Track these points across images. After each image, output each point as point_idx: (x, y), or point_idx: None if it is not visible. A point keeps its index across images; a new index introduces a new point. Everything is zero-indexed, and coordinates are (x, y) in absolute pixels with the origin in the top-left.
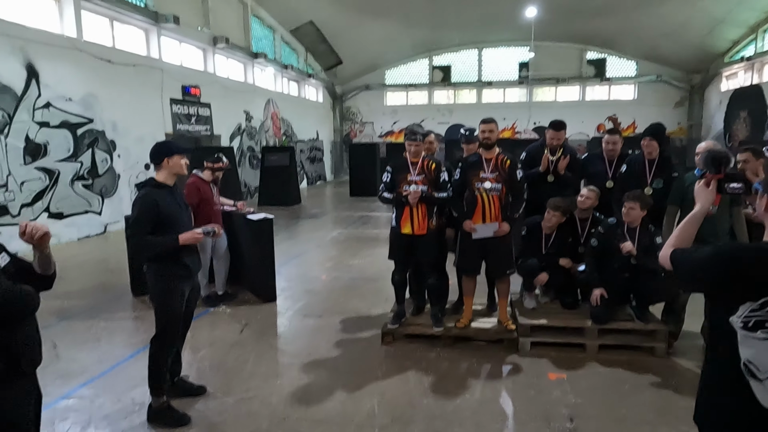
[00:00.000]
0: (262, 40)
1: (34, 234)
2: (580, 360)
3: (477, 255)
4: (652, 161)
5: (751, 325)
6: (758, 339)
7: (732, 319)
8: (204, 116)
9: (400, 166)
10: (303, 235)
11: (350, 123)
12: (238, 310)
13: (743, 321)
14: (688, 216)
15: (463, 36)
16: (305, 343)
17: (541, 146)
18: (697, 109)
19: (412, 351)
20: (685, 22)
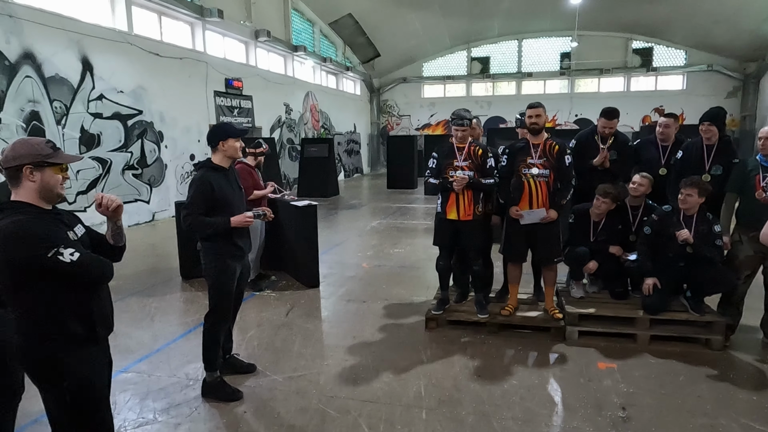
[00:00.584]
0: (302, 33)
1: (110, 205)
2: (630, 350)
3: (523, 242)
4: (711, 146)
5: None
6: None
7: None
8: (246, 108)
9: (447, 152)
10: (342, 225)
11: (387, 116)
12: (283, 294)
13: None
14: None
15: (502, 26)
16: (350, 327)
17: (591, 134)
18: (751, 100)
19: (457, 337)
20: (739, 8)
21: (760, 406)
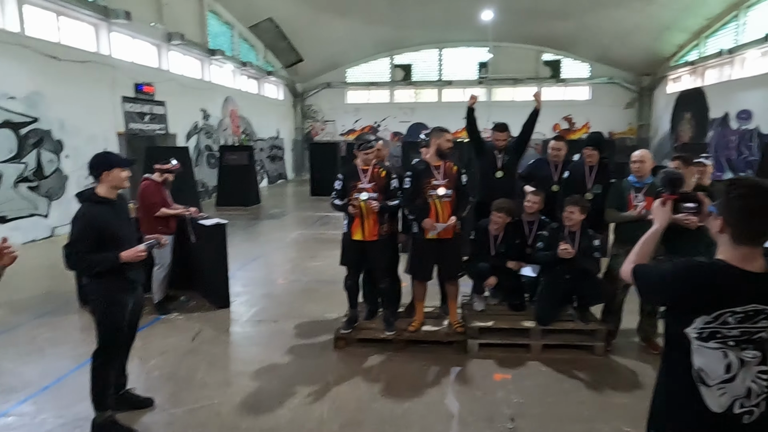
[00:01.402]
0: (220, 36)
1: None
2: (525, 360)
3: (429, 260)
4: (592, 168)
5: (705, 336)
6: (710, 348)
7: (687, 330)
8: (158, 114)
9: (351, 174)
10: (262, 237)
11: (312, 121)
12: (191, 317)
13: (698, 332)
14: (646, 234)
15: (423, 35)
16: (258, 350)
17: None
18: (646, 110)
19: (365, 355)
20: (635, 27)
21: (632, 409)
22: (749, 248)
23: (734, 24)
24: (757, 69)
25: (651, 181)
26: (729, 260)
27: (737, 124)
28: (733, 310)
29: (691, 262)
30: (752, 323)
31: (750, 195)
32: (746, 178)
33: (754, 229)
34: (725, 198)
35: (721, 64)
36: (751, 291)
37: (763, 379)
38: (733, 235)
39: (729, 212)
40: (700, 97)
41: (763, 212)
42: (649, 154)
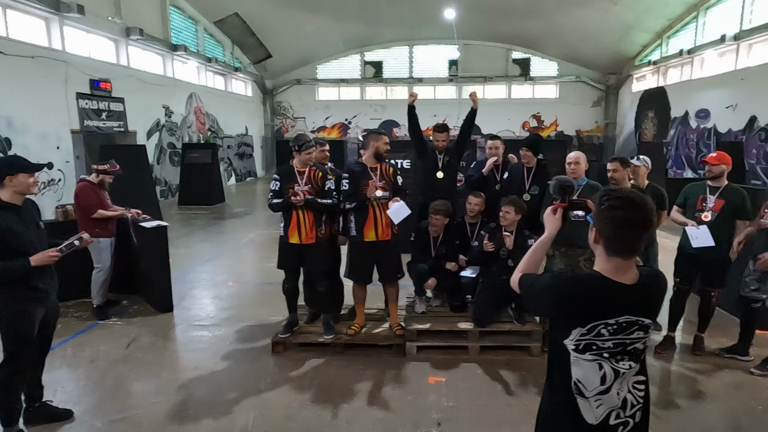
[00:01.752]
0: (183, 31)
1: None
2: (462, 362)
3: (368, 262)
4: (530, 169)
5: (581, 348)
6: (586, 360)
7: (566, 341)
8: (117, 111)
9: (287, 175)
10: (220, 237)
11: (282, 118)
12: (130, 322)
13: (575, 344)
14: (537, 241)
15: (394, 33)
16: (195, 356)
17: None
18: (612, 109)
19: (302, 360)
20: (600, 27)
21: None
22: (621, 260)
23: (694, 25)
24: (715, 69)
25: (585, 182)
26: (603, 271)
27: (696, 123)
28: (606, 321)
29: (567, 274)
30: (626, 334)
31: (620, 207)
32: (620, 190)
33: (623, 242)
34: (597, 209)
35: (682, 64)
36: (623, 303)
37: (639, 390)
38: (605, 246)
39: (601, 224)
40: (662, 96)
41: (632, 225)
42: (584, 156)
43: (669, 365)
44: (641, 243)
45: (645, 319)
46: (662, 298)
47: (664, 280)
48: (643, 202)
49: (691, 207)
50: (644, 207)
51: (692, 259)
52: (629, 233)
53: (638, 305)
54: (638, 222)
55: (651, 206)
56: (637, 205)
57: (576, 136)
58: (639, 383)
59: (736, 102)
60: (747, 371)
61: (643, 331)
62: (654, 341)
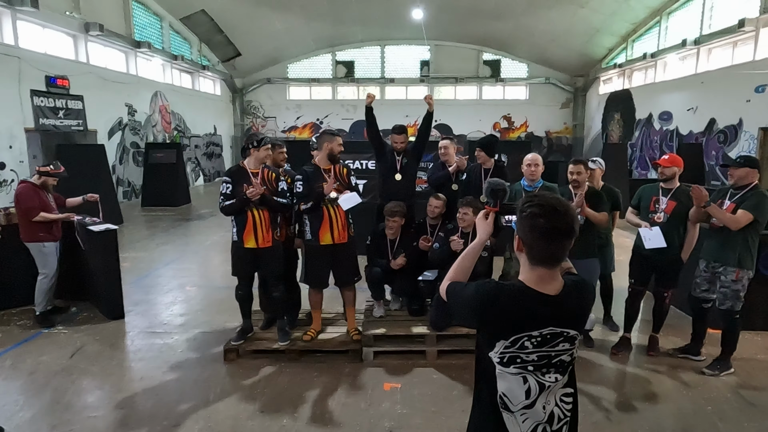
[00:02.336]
0: (147, 28)
1: None
2: (419, 367)
3: (323, 266)
4: (488, 170)
5: (506, 361)
6: (511, 374)
7: (490, 354)
8: (75, 110)
9: (239, 176)
10: (182, 239)
11: (252, 117)
12: (77, 330)
13: (499, 357)
14: (467, 248)
15: (365, 32)
16: (142, 366)
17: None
18: (580, 110)
19: (256, 368)
20: (568, 29)
21: None
22: (545, 269)
23: (657, 29)
24: (677, 73)
25: (541, 184)
26: (527, 281)
27: (659, 125)
28: (529, 334)
29: (491, 285)
30: (551, 347)
31: (541, 215)
32: (542, 196)
33: (546, 251)
34: (519, 216)
35: (646, 67)
36: (546, 314)
37: (567, 403)
38: (528, 255)
39: (523, 232)
40: (627, 98)
41: (554, 234)
42: (540, 158)
43: (624, 366)
44: (565, 251)
45: (570, 331)
46: (588, 308)
47: (589, 290)
48: (565, 209)
49: (645, 208)
50: (567, 214)
51: (646, 260)
52: (552, 242)
53: (563, 316)
54: (561, 230)
55: (573, 213)
56: (559, 213)
57: (546, 137)
58: (567, 396)
59: (696, 105)
60: (699, 371)
61: (569, 343)
62: (610, 342)
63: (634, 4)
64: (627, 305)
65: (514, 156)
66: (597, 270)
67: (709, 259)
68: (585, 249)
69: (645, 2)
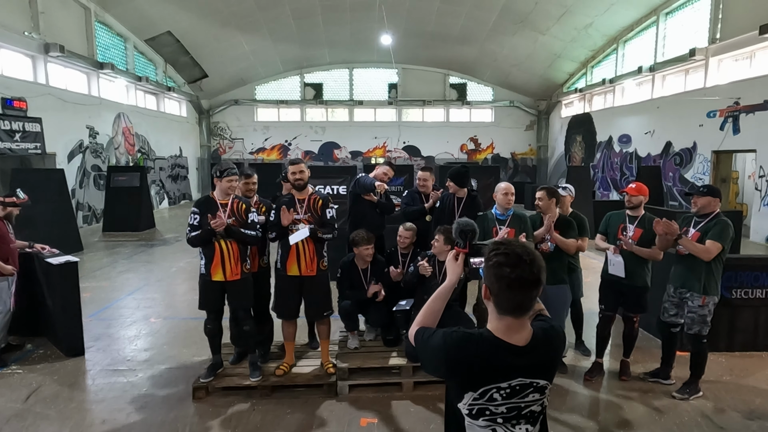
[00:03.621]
0: (111, 49)
1: None
2: (396, 399)
3: (292, 298)
4: (461, 200)
5: (474, 413)
6: (480, 426)
7: (459, 405)
8: (33, 132)
9: (207, 206)
10: (146, 266)
11: (219, 139)
12: (33, 369)
13: (468, 409)
14: (437, 291)
15: (333, 55)
16: (103, 408)
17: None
18: (544, 133)
19: (227, 406)
20: (530, 55)
21: None
22: (512, 319)
23: (614, 56)
24: (634, 98)
25: (512, 213)
26: (495, 331)
27: (619, 147)
28: (498, 385)
29: (458, 335)
30: (520, 398)
31: (507, 264)
32: (508, 244)
33: (512, 301)
34: (486, 265)
35: (605, 92)
36: (515, 365)
37: None
38: (495, 304)
39: (489, 281)
40: (588, 121)
41: (519, 284)
42: (512, 188)
43: (598, 393)
44: (532, 301)
45: (540, 381)
46: (558, 357)
47: (560, 338)
48: (531, 259)
49: (612, 235)
50: (533, 264)
51: (614, 286)
52: (518, 292)
53: (532, 367)
54: (526, 280)
55: (540, 263)
56: (525, 263)
57: (511, 159)
58: None
59: (653, 128)
60: (670, 395)
61: (539, 393)
62: (583, 367)
63: (592, 32)
64: (598, 330)
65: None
66: (568, 297)
67: (676, 284)
68: (555, 275)
69: (602, 30)
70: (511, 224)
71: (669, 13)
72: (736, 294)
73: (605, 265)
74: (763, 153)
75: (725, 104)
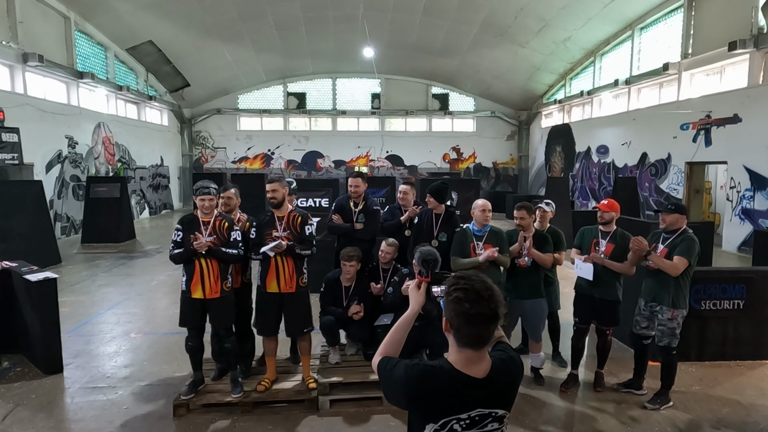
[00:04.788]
0: (91, 58)
1: None
2: (376, 414)
3: (272, 314)
4: (439, 216)
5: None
6: None
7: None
8: (10, 143)
9: (190, 224)
10: (126, 280)
11: (201, 148)
12: (10, 388)
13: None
14: (399, 320)
15: (316, 65)
16: (83, 428)
17: (346, 199)
18: (524, 143)
19: (207, 423)
20: (511, 67)
21: None
22: (472, 351)
23: (592, 69)
24: (611, 110)
25: (489, 229)
26: (455, 363)
27: (597, 158)
28: (458, 417)
29: (419, 367)
30: (479, 428)
31: (465, 300)
32: (468, 279)
33: (471, 335)
34: (446, 299)
35: (583, 103)
36: (474, 397)
37: None
38: (455, 337)
39: (449, 314)
40: (567, 132)
41: (478, 319)
42: (489, 204)
43: (573, 405)
44: (490, 335)
45: (499, 410)
46: (516, 386)
47: (518, 368)
48: (489, 294)
49: (586, 249)
50: (491, 299)
51: (587, 300)
52: (476, 326)
53: (490, 398)
54: (485, 315)
55: (498, 298)
56: (483, 298)
57: (493, 168)
58: None
59: (630, 140)
60: (641, 405)
61: (498, 423)
62: (559, 378)
63: (570, 45)
64: (573, 342)
65: (463, 193)
66: (545, 309)
67: (647, 298)
68: (532, 289)
69: (580, 44)
70: (488, 240)
71: (644, 28)
72: (705, 305)
73: (578, 280)
74: (733, 164)
75: (697, 117)
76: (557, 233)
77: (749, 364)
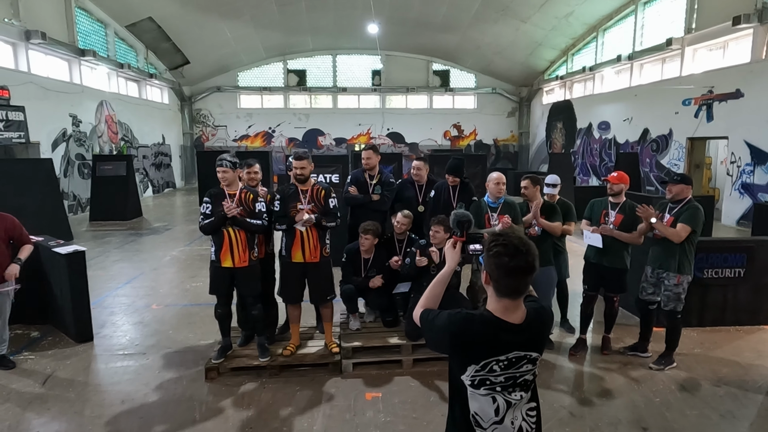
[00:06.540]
0: (92, 35)
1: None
2: (397, 375)
3: (296, 283)
4: (455, 187)
5: (476, 383)
6: (481, 395)
7: (462, 377)
8: (16, 121)
9: (218, 197)
10: (139, 255)
11: (202, 126)
12: (45, 355)
13: (470, 380)
14: (437, 276)
15: (316, 41)
16: (121, 389)
17: (361, 172)
18: (525, 119)
19: (238, 385)
20: (512, 43)
21: None
22: (510, 300)
23: (594, 44)
24: (613, 86)
25: (503, 201)
26: (494, 311)
27: (599, 134)
28: (497, 358)
29: (462, 315)
30: (516, 368)
31: (505, 254)
32: (506, 236)
33: (510, 286)
34: (486, 254)
35: (585, 79)
36: (512, 341)
37: (532, 416)
38: (495, 288)
39: (489, 268)
40: (568, 108)
41: (516, 271)
42: (504, 177)
43: (582, 366)
44: (527, 286)
45: (533, 353)
46: (548, 332)
47: (549, 317)
48: (526, 248)
49: (596, 221)
50: (528, 253)
51: (596, 268)
52: (515, 278)
53: (526, 342)
54: (523, 268)
55: (534, 252)
56: (521, 252)
57: (494, 145)
58: (531, 410)
59: (631, 116)
60: (647, 367)
61: (532, 364)
62: (568, 343)
63: (572, 20)
64: (582, 309)
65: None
66: (554, 278)
67: (654, 265)
68: (542, 257)
69: (582, 19)
70: (503, 211)
71: (647, 2)
72: (707, 274)
73: (587, 250)
74: (734, 140)
75: (699, 93)
76: (567, 204)
77: (747, 329)
